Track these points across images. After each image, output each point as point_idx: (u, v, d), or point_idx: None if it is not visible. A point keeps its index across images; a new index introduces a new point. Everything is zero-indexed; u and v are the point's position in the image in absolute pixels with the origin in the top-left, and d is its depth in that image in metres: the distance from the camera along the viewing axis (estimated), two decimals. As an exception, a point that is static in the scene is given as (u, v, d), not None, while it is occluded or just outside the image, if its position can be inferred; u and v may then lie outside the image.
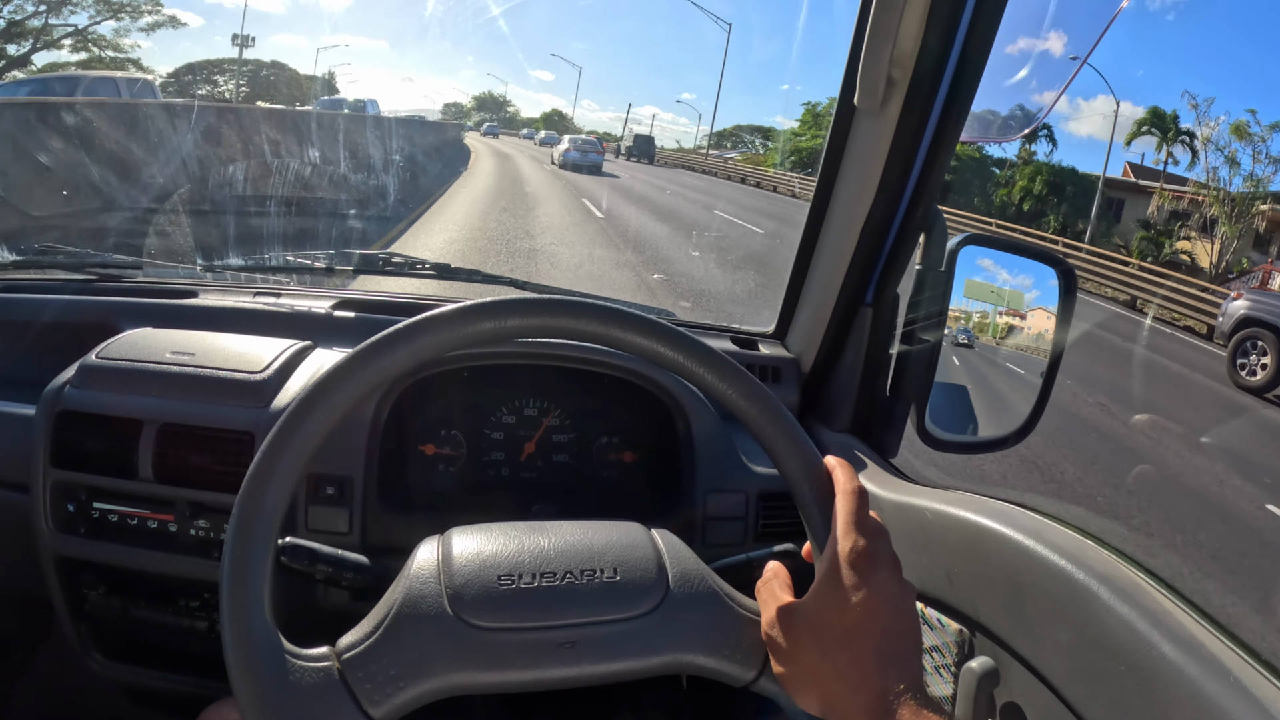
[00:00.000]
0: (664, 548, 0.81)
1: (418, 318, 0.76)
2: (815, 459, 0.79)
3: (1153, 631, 0.73)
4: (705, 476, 1.25)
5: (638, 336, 0.80)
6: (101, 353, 1.22)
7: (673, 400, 1.27)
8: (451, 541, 0.78)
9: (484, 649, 0.70)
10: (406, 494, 1.28)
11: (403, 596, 0.72)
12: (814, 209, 1.36)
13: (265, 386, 1.18)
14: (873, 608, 0.68)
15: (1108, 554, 0.85)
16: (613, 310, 0.80)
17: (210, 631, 1.24)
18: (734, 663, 0.75)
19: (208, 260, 1.73)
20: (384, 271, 1.71)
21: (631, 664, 0.73)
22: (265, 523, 0.70)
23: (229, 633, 0.66)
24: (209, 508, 1.17)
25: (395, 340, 0.75)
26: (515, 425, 1.34)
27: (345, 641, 0.69)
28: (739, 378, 0.81)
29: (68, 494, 1.18)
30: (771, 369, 1.43)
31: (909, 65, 1.11)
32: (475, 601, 0.72)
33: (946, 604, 0.98)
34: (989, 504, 0.99)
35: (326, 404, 0.73)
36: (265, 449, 0.71)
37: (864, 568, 0.70)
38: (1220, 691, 0.67)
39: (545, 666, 0.71)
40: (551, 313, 0.79)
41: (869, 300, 1.32)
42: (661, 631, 0.74)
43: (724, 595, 0.78)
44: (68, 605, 1.24)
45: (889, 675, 0.66)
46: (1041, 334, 1.28)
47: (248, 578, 0.68)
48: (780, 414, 0.80)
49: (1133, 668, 0.73)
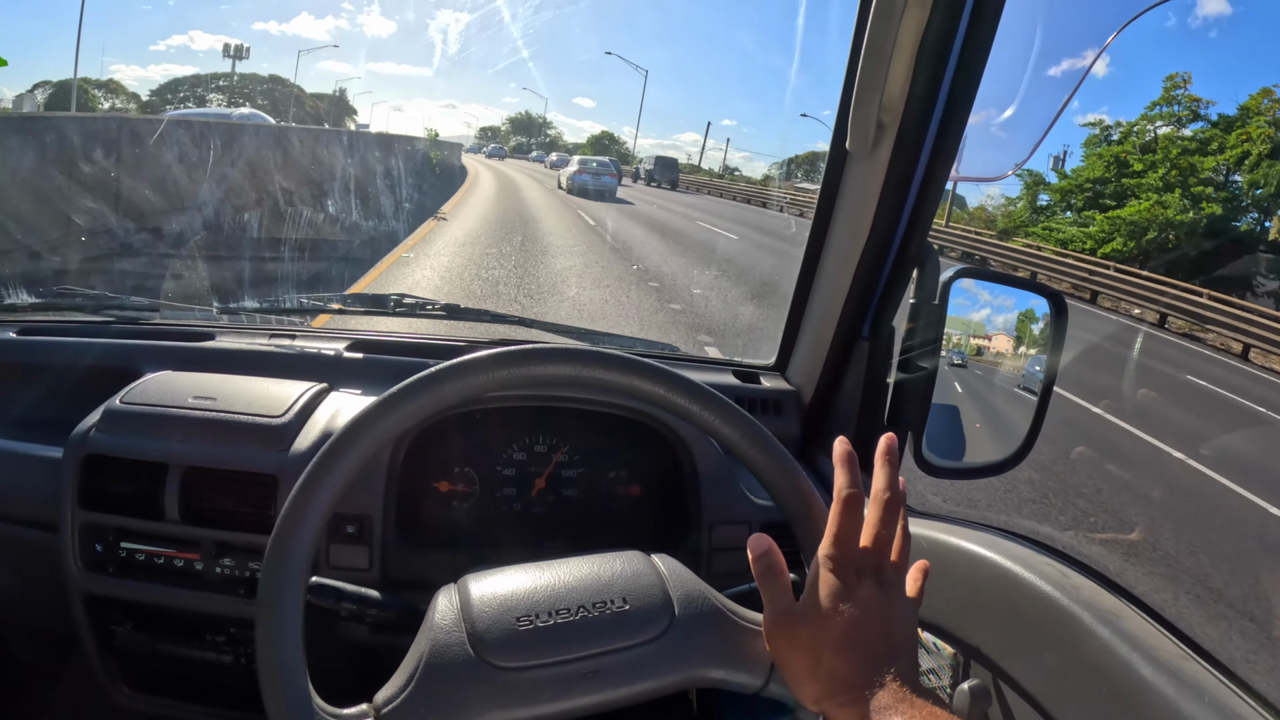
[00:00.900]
0: (666, 573, 0.85)
1: (446, 364, 0.81)
2: (797, 476, 0.86)
3: (1133, 655, 0.77)
4: (710, 509, 1.28)
5: (633, 379, 0.87)
6: (125, 397, 1.24)
7: (676, 437, 1.31)
8: (468, 589, 0.81)
9: (512, 688, 0.73)
10: (423, 530, 1.30)
11: (429, 648, 0.75)
12: (811, 246, 1.41)
13: (286, 430, 1.21)
14: (857, 614, 0.73)
15: (1091, 581, 0.89)
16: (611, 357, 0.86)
17: (236, 665, 1.26)
18: (744, 673, 0.80)
19: (223, 302, 1.77)
20: (395, 312, 1.73)
21: (651, 684, 0.77)
22: (296, 573, 0.73)
23: (270, 700, 0.69)
24: (234, 547, 1.19)
25: (419, 388, 0.80)
26: (526, 462, 1.37)
27: (382, 696, 0.73)
28: (733, 415, 0.86)
29: (96, 534, 1.20)
30: (773, 401, 1.47)
31: (898, 110, 1.15)
32: (498, 644, 0.75)
33: (942, 628, 1.01)
34: (982, 531, 1.02)
35: (354, 448, 0.78)
36: (296, 495, 0.75)
37: (846, 575, 0.74)
38: (1198, 712, 0.70)
39: (572, 697, 0.75)
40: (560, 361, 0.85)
41: (866, 333, 1.36)
42: (674, 652, 0.78)
43: (727, 611, 0.83)
44: (95, 640, 1.26)
45: (880, 673, 0.70)
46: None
47: (284, 641, 0.71)
48: (769, 442, 0.86)
49: (1115, 689, 0.77)
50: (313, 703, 0.70)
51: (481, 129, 64.25)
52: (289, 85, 33.11)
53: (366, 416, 0.78)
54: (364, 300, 1.77)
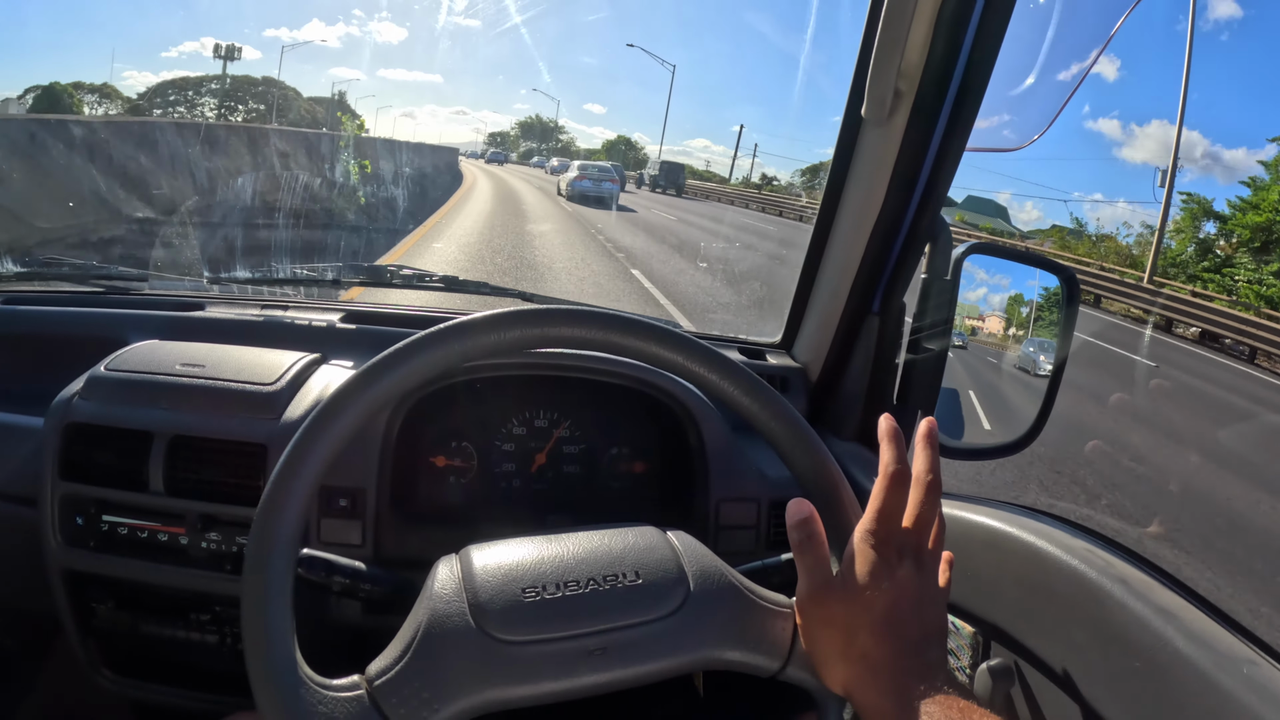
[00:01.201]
0: (680, 548, 0.81)
1: (436, 329, 0.77)
2: (823, 455, 0.81)
3: (1166, 628, 0.75)
4: (717, 486, 1.25)
5: (647, 344, 0.82)
6: (110, 365, 1.21)
7: (684, 409, 1.28)
8: (471, 558, 0.77)
9: (515, 663, 0.70)
10: (418, 506, 1.28)
11: (428, 617, 0.71)
12: (821, 218, 1.38)
13: (277, 398, 1.18)
14: (895, 595, 0.70)
15: (1119, 554, 0.86)
16: (627, 320, 0.82)
17: (221, 646, 1.23)
18: (760, 654, 0.76)
19: (214, 273, 1.73)
20: (391, 284, 1.70)
21: (662, 664, 0.73)
22: (285, 540, 0.69)
23: (254, 666, 0.65)
24: (221, 520, 1.16)
25: (413, 351, 0.76)
26: (526, 437, 1.34)
27: (375, 668, 0.69)
28: (755, 385, 0.82)
29: (76, 507, 1.17)
30: (779, 379, 1.44)
31: (915, 76, 1.13)
32: (501, 616, 0.71)
33: (962, 607, 0.99)
34: (1003, 508, 1.00)
35: (345, 416, 0.73)
36: (285, 461, 0.71)
37: (887, 556, 0.72)
38: (1235, 685, 0.68)
39: (578, 675, 0.71)
40: (569, 323, 0.80)
41: (876, 309, 1.33)
42: (688, 630, 0.75)
43: (744, 589, 0.79)
44: (75, 620, 1.23)
45: (911, 658, 0.68)
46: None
47: (271, 606, 0.67)
48: (786, 412, 0.82)
49: (1147, 664, 0.74)
50: (299, 670, 0.66)
51: (490, 134, 62.75)
52: (285, 88, 32.66)
53: (359, 380, 0.74)
54: (359, 271, 1.73)
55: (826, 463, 0.81)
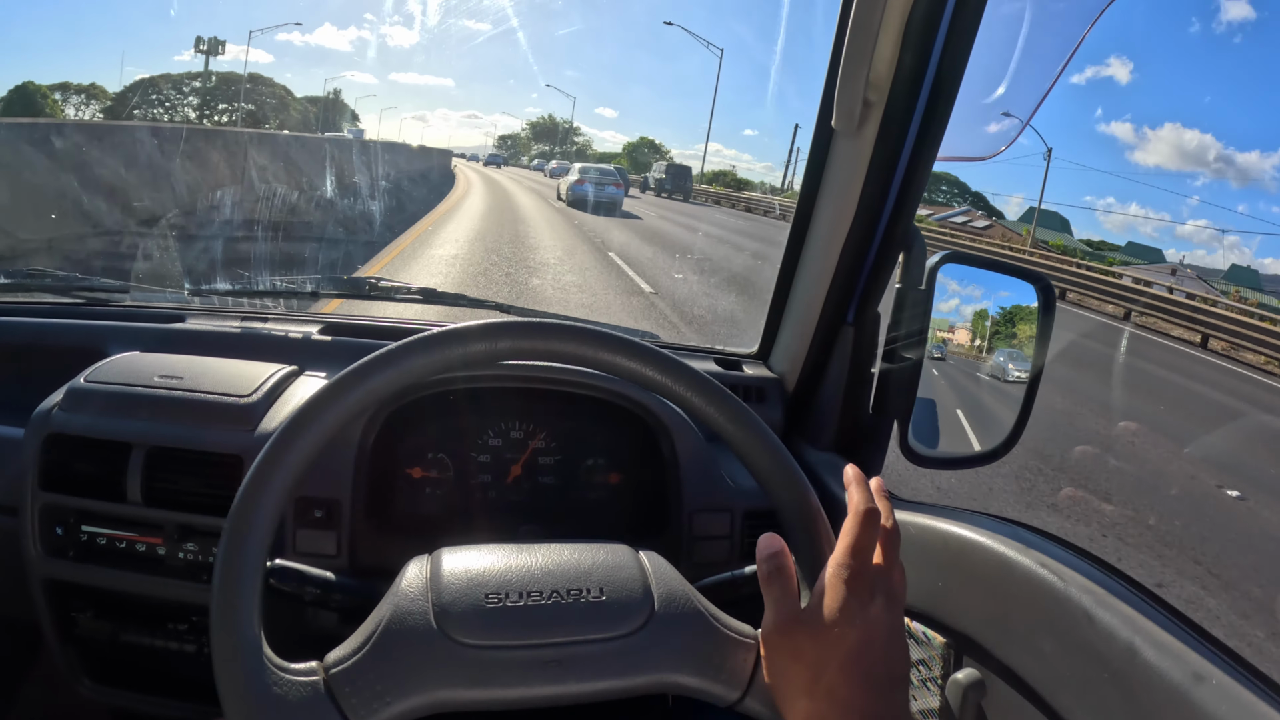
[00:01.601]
0: (650, 569, 0.82)
1: (407, 340, 0.77)
2: (803, 487, 0.81)
3: (1134, 638, 0.74)
4: (691, 496, 1.25)
5: (627, 360, 0.82)
6: (90, 376, 1.22)
7: (657, 422, 1.28)
8: (441, 560, 0.78)
9: (470, 666, 0.70)
10: (394, 517, 1.27)
11: (390, 613, 0.72)
12: (794, 230, 1.38)
13: (253, 410, 1.18)
14: (868, 632, 0.70)
15: (1088, 563, 0.86)
16: (601, 334, 0.82)
17: (199, 655, 1.24)
18: (719, 683, 0.76)
19: (195, 285, 1.73)
20: (370, 296, 1.71)
21: (617, 683, 0.74)
22: (255, 542, 0.70)
23: (217, 643, 0.67)
24: (197, 531, 1.17)
25: (384, 362, 0.76)
26: (501, 448, 1.34)
27: (333, 656, 0.70)
28: (727, 403, 0.82)
29: (56, 517, 1.17)
30: (755, 389, 1.44)
31: (885, 87, 1.13)
32: (462, 619, 0.72)
33: (932, 617, 0.98)
34: (971, 517, 1.00)
35: (316, 426, 0.74)
36: (255, 470, 0.72)
37: (860, 590, 0.71)
38: (1203, 695, 0.68)
39: (531, 684, 0.71)
40: (542, 336, 0.80)
41: (850, 319, 1.33)
42: (646, 651, 0.75)
43: (709, 616, 0.79)
44: (56, 629, 1.23)
45: (877, 701, 0.68)
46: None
47: (238, 592, 0.68)
48: (769, 441, 0.82)
49: (1115, 674, 0.74)
50: (261, 652, 0.67)
51: (501, 137, 59.42)
52: (273, 86, 31.52)
53: (328, 392, 0.75)
54: (338, 283, 1.73)
55: (808, 496, 0.81)
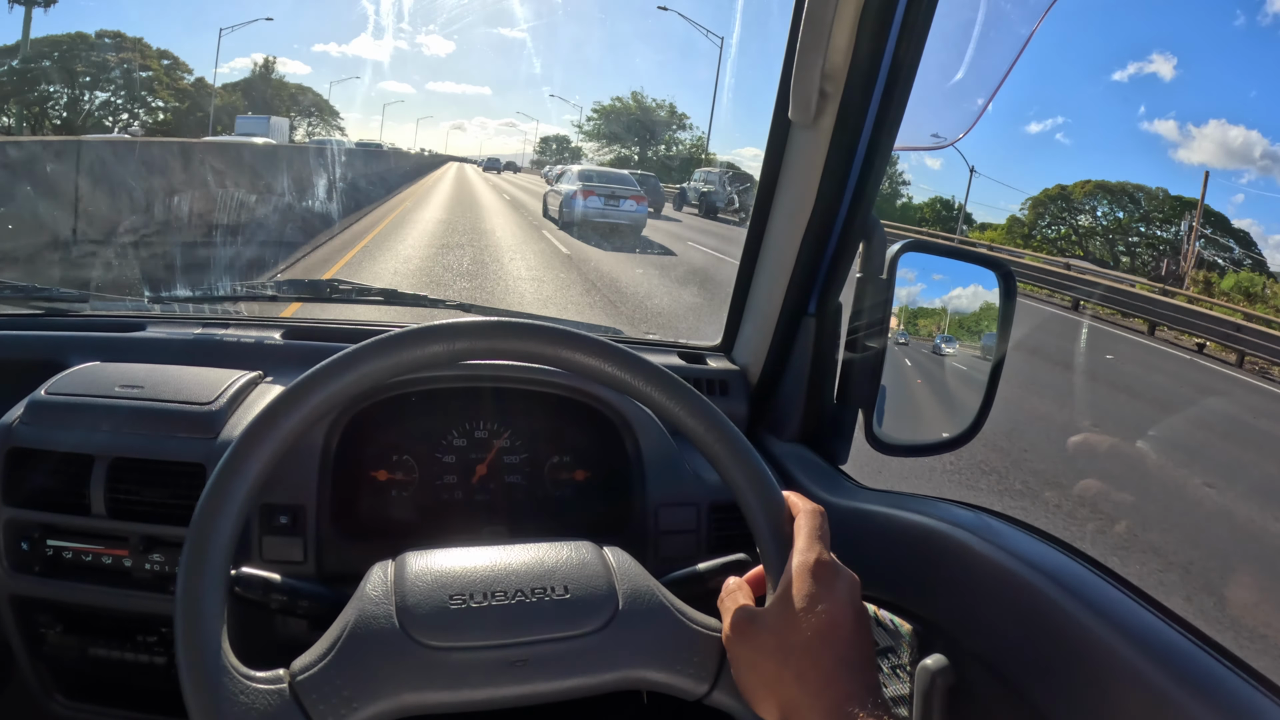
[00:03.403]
0: (614, 565, 0.82)
1: (364, 343, 0.77)
2: (770, 485, 0.81)
3: (1099, 622, 0.75)
4: (656, 491, 1.25)
5: (587, 357, 0.82)
6: (50, 388, 1.20)
7: (620, 418, 1.28)
8: (405, 563, 0.79)
9: (436, 668, 0.71)
10: (360, 521, 1.27)
11: (355, 618, 0.73)
12: (754, 222, 1.38)
13: (215, 418, 1.17)
14: (834, 616, 0.70)
15: (1053, 548, 0.87)
16: (561, 332, 0.82)
17: (169, 667, 1.22)
18: (686, 677, 0.76)
19: (155, 292, 1.71)
20: (331, 299, 1.70)
21: (584, 680, 0.74)
22: (218, 550, 0.70)
23: (182, 655, 0.67)
24: (162, 541, 1.15)
25: (342, 366, 0.76)
26: (466, 448, 1.33)
27: (299, 663, 0.70)
28: (692, 401, 0.82)
29: (20, 532, 1.16)
30: (719, 382, 1.44)
31: (840, 78, 1.13)
32: (426, 621, 0.73)
33: (899, 605, 0.99)
34: (938, 505, 1.00)
35: (275, 432, 0.74)
36: (215, 478, 0.72)
37: (826, 577, 0.72)
38: (1168, 679, 0.69)
39: (498, 685, 0.72)
40: (501, 335, 0.80)
41: (812, 310, 1.33)
42: (612, 648, 0.75)
43: (674, 610, 0.79)
44: (25, 646, 1.22)
45: (850, 681, 0.68)
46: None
47: (201, 602, 0.68)
48: (735, 439, 0.82)
49: (1081, 659, 0.75)
50: (223, 658, 0.67)
51: (543, 139, 51.78)
52: (142, 48, 25.75)
53: (287, 397, 0.75)
54: (299, 286, 1.72)
55: (772, 493, 0.81)
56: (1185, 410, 9.40)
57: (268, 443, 0.73)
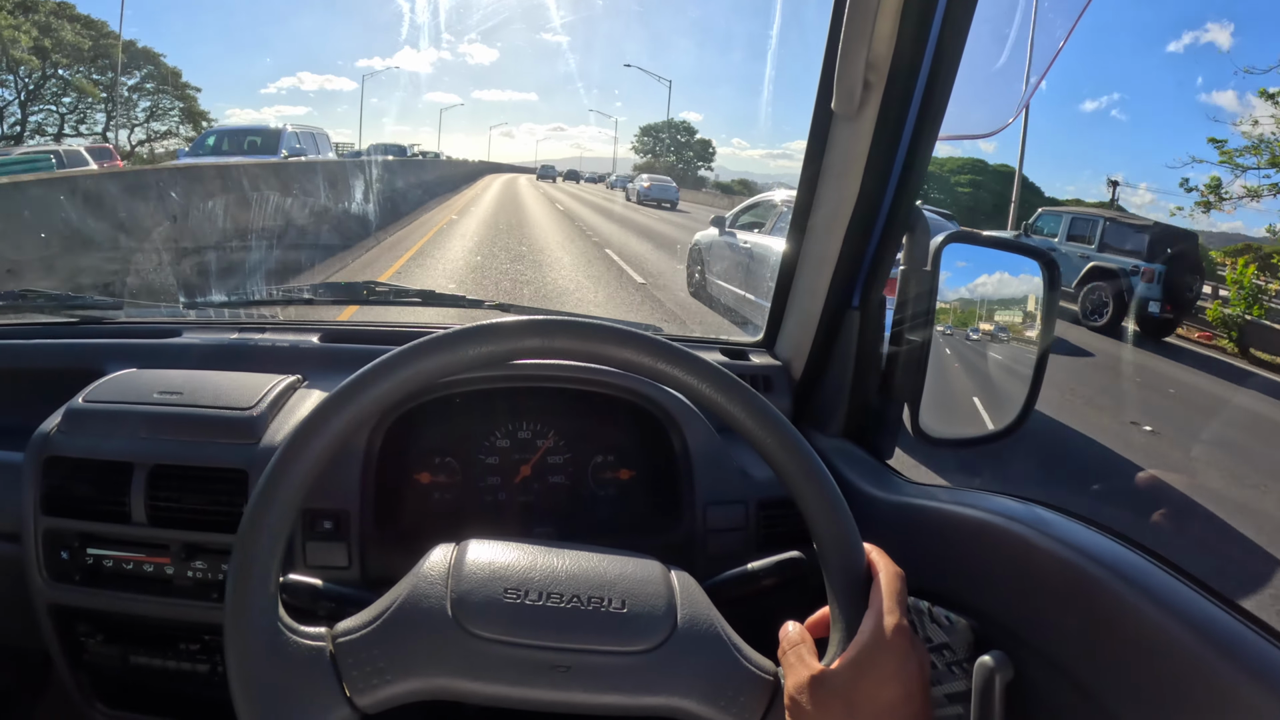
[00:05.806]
0: (678, 588, 0.80)
1: (416, 343, 0.76)
2: (852, 531, 0.78)
3: (1162, 613, 0.74)
4: (704, 489, 1.23)
5: (639, 356, 0.79)
6: (88, 396, 1.20)
7: (666, 415, 1.26)
8: (467, 549, 0.79)
9: (476, 658, 0.71)
10: (404, 525, 1.26)
11: (407, 594, 0.73)
12: (796, 215, 1.37)
13: (257, 423, 1.17)
14: (909, 689, 0.70)
15: (1111, 539, 0.85)
16: (616, 330, 0.79)
17: (212, 675, 1.22)
18: (729, 716, 0.74)
19: (189, 298, 1.72)
20: (368, 301, 1.70)
21: (623, 699, 0.72)
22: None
23: (231, 596, 0.68)
24: (205, 549, 1.15)
25: (393, 366, 0.75)
26: (510, 449, 1.33)
27: (342, 626, 0.71)
28: (776, 426, 0.78)
29: (60, 541, 1.16)
30: (763, 378, 1.43)
31: (884, 68, 1.12)
32: (477, 609, 0.73)
33: (954, 600, 0.97)
34: (989, 499, 0.99)
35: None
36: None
37: (904, 648, 0.71)
38: (1235, 670, 0.67)
39: (534, 686, 0.71)
40: (550, 334, 0.78)
41: (856, 303, 1.32)
42: (660, 671, 0.73)
43: (731, 645, 0.77)
44: (65, 655, 1.22)
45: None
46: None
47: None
48: (821, 477, 0.77)
49: (1145, 650, 0.73)
50: (277, 612, 0.70)
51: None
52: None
53: (332, 402, 0.74)
54: (334, 289, 1.72)
55: (864, 565, 0.77)
56: None
57: (314, 448, 0.73)
